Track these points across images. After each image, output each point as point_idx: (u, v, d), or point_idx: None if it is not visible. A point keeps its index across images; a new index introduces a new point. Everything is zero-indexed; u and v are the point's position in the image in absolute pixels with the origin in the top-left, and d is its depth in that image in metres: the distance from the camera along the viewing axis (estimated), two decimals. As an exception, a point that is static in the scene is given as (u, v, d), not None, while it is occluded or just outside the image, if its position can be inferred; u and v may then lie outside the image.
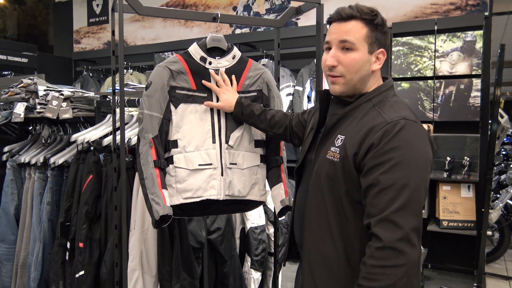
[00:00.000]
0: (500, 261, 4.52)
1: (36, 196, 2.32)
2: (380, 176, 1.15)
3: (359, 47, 1.26)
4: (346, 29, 1.26)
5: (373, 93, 1.29)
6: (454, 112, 3.87)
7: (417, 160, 1.16)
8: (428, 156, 1.19)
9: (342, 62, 1.27)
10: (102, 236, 2.03)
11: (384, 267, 1.11)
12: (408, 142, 1.16)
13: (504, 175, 5.19)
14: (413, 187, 1.14)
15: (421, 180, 1.16)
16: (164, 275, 1.91)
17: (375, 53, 1.28)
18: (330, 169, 1.26)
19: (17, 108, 2.41)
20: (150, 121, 1.65)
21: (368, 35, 1.26)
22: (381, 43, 1.28)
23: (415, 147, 1.17)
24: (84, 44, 6.41)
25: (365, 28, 1.26)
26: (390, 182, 1.14)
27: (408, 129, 1.17)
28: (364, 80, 1.30)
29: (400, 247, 1.10)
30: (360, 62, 1.27)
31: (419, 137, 1.19)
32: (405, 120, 1.19)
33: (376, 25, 1.26)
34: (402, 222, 1.12)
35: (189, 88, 1.74)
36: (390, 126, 1.17)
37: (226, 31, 5.25)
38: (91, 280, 2.00)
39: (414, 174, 1.14)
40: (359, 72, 1.28)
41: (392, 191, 1.13)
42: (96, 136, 2.14)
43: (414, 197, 1.14)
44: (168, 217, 1.62)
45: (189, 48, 1.79)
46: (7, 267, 2.44)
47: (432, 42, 3.92)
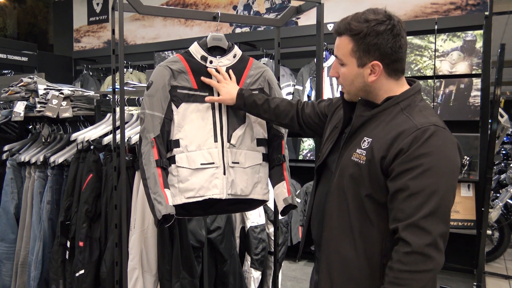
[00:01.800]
0: (500, 260, 4.53)
1: (36, 195, 2.32)
2: (409, 182, 1.15)
3: (347, 62, 1.29)
4: (337, 44, 1.32)
5: (401, 97, 1.28)
6: (454, 111, 3.87)
7: (447, 167, 1.17)
8: (457, 163, 1.20)
9: (340, 74, 1.34)
10: (102, 235, 2.03)
11: (412, 272, 1.13)
12: (438, 148, 1.17)
13: (504, 174, 5.19)
14: (442, 193, 1.15)
15: (450, 186, 1.18)
16: (164, 274, 1.92)
17: (368, 66, 1.27)
18: (355, 170, 1.26)
19: (17, 107, 2.41)
20: (151, 121, 1.65)
21: (354, 50, 1.26)
22: (373, 55, 1.25)
23: (445, 154, 1.17)
24: (84, 43, 6.41)
25: (351, 43, 1.27)
26: (419, 188, 1.15)
27: (438, 135, 1.18)
28: (366, 90, 1.31)
29: (428, 253, 1.13)
30: (350, 76, 1.30)
31: (449, 144, 1.19)
32: (435, 126, 1.19)
33: (363, 37, 1.25)
34: (431, 228, 1.14)
35: (190, 88, 1.74)
36: (420, 132, 1.17)
37: (226, 30, 5.25)
38: (91, 279, 2.00)
39: (443, 181, 1.16)
40: (353, 85, 1.31)
41: (421, 197, 1.14)
42: (96, 135, 2.14)
43: (443, 203, 1.15)
44: (171, 217, 1.62)
45: (190, 47, 1.78)
46: (7, 266, 2.44)
47: (432, 42, 3.92)
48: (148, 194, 1.62)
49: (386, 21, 1.25)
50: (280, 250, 2.58)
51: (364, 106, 1.33)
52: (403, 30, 1.28)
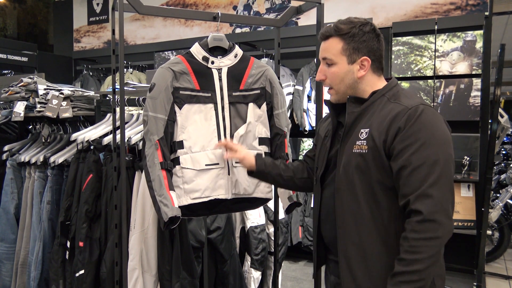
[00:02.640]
0: (500, 261, 4.53)
1: (36, 195, 2.32)
2: (411, 157, 1.24)
3: (338, 61, 1.40)
4: (325, 47, 1.42)
5: (384, 89, 1.40)
6: (454, 111, 3.87)
7: (442, 138, 1.26)
8: (449, 134, 1.30)
9: (327, 76, 1.43)
10: (102, 235, 2.03)
11: (426, 239, 1.19)
12: (430, 123, 1.27)
13: (504, 174, 5.19)
14: (443, 162, 1.23)
15: (448, 155, 1.26)
16: (164, 274, 1.91)
17: (357, 62, 1.39)
18: (359, 161, 1.32)
19: (17, 107, 2.41)
20: (155, 123, 1.65)
21: (345, 48, 1.39)
22: (361, 51, 1.39)
23: (437, 126, 1.28)
24: (84, 43, 6.41)
25: (341, 42, 1.39)
26: (421, 161, 1.23)
27: (427, 112, 1.28)
28: (354, 86, 1.42)
29: (440, 219, 1.19)
30: (341, 73, 1.40)
31: (438, 118, 1.30)
32: (423, 105, 1.30)
33: (352, 36, 1.38)
34: (439, 195, 1.21)
35: (193, 89, 1.74)
36: (412, 111, 1.28)
37: (227, 31, 5.25)
38: (91, 279, 2.00)
39: (441, 150, 1.25)
40: (343, 82, 1.41)
41: (424, 168, 1.23)
42: (96, 135, 2.14)
43: (445, 171, 1.23)
44: (177, 218, 1.62)
45: (191, 48, 1.79)
46: (7, 266, 2.44)
47: (432, 42, 3.92)
48: (154, 197, 1.62)
49: (368, 23, 1.40)
50: (280, 250, 2.58)
51: (354, 103, 1.42)
52: (381, 33, 1.43)
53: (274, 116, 1.88)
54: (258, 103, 1.85)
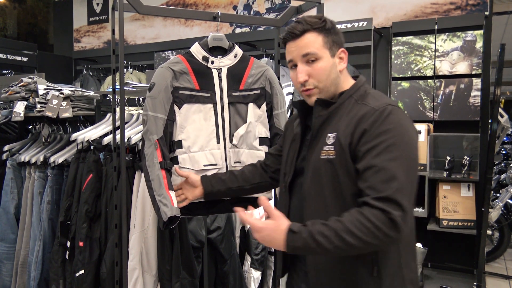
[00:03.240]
0: (500, 260, 4.53)
1: (36, 195, 2.32)
2: (375, 159, 1.18)
3: (322, 55, 1.33)
4: (304, 43, 1.33)
5: (352, 90, 1.35)
6: (454, 111, 3.87)
7: (408, 141, 1.21)
8: (416, 137, 1.26)
9: (312, 74, 1.33)
10: (102, 235, 2.03)
11: (376, 228, 1.11)
12: (396, 124, 1.22)
13: (504, 174, 5.19)
14: (408, 166, 1.18)
15: (413, 160, 1.22)
16: (164, 274, 1.92)
17: (337, 55, 1.35)
18: (327, 167, 1.27)
19: (17, 107, 2.41)
20: (154, 123, 1.65)
21: (325, 41, 1.33)
22: (338, 44, 1.36)
23: (404, 128, 1.23)
24: (84, 43, 6.41)
25: (320, 35, 1.33)
26: (385, 164, 1.17)
27: (395, 113, 1.24)
28: (336, 82, 1.36)
29: (399, 222, 1.11)
30: (328, 68, 1.33)
31: (406, 120, 1.26)
32: (391, 106, 1.25)
33: (328, 29, 1.33)
34: (402, 201, 1.13)
35: (192, 88, 1.74)
36: (379, 113, 1.23)
37: (227, 30, 5.25)
38: (91, 279, 2.00)
39: (407, 154, 1.19)
40: (330, 77, 1.34)
41: (388, 171, 1.16)
42: (96, 135, 2.14)
43: (410, 176, 1.18)
44: (176, 218, 1.62)
45: (191, 48, 1.79)
46: (7, 266, 2.44)
47: (432, 42, 3.92)
48: (153, 196, 1.61)
49: (328, 19, 1.36)
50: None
51: (321, 106, 1.36)
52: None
53: (274, 116, 1.88)
54: (258, 103, 1.85)
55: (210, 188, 1.66)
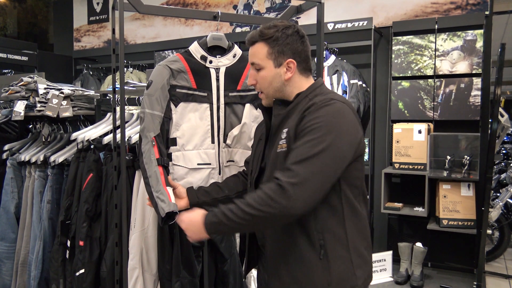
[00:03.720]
0: (500, 260, 4.53)
1: (36, 195, 2.32)
2: (302, 139, 1.28)
3: (265, 65, 1.42)
4: (252, 52, 1.45)
5: (308, 90, 1.43)
6: (454, 111, 3.87)
7: (334, 130, 1.27)
8: (351, 132, 1.29)
9: (257, 80, 1.46)
10: (102, 235, 2.03)
11: (269, 197, 1.23)
12: (330, 115, 1.28)
13: (504, 174, 5.19)
14: (323, 150, 1.23)
15: (334, 147, 1.25)
16: (164, 274, 1.92)
17: (284, 65, 1.42)
18: (281, 159, 1.35)
19: (17, 107, 2.41)
20: (151, 120, 1.66)
21: (270, 52, 1.41)
22: (286, 54, 1.41)
23: (336, 119, 1.28)
24: (84, 42, 6.41)
25: (266, 46, 1.41)
26: (300, 145, 1.27)
27: (334, 106, 1.31)
28: (281, 89, 1.44)
29: (287, 189, 1.21)
30: (269, 77, 1.43)
31: (346, 114, 1.31)
32: (334, 100, 1.33)
33: (275, 40, 1.40)
34: (299, 171, 1.22)
35: (189, 87, 1.75)
36: (320, 103, 1.33)
37: (227, 30, 5.25)
38: (91, 278, 2.00)
39: (332, 139, 1.25)
40: (272, 85, 1.44)
41: (300, 150, 1.26)
42: (96, 134, 2.14)
43: (322, 159, 1.23)
44: (175, 214, 1.62)
45: (190, 47, 1.79)
46: (7, 265, 2.45)
47: (433, 41, 3.92)
48: (151, 193, 1.62)
49: (291, 26, 1.44)
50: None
51: (280, 106, 1.46)
52: (305, 34, 1.47)
53: None
54: (255, 104, 1.86)
55: (195, 199, 1.68)
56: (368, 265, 1.42)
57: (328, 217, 1.34)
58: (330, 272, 1.33)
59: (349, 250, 1.35)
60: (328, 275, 1.33)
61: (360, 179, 1.40)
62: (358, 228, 1.38)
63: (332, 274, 1.33)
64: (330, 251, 1.33)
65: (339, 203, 1.35)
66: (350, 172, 1.34)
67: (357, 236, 1.38)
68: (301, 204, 1.22)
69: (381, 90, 4.37)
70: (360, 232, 1.40)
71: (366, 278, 1.40)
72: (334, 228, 1.34)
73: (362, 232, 1.40)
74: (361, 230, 1.40)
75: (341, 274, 1.34)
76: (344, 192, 1.35)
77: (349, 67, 4.21)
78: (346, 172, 1.32)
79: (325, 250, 1.33)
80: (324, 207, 1.33)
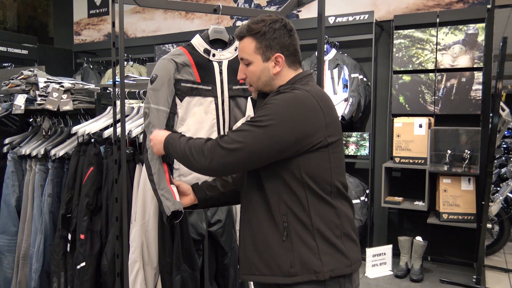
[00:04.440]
0: (499, 254, 4.54)
1: (37, 188, 2.33)
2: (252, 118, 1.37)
3: (253, 60, 1.45)
4: (241, 47, 1.48)
5: (288, 83, 1.45)
6: (455, 105, 3.86)
7: (281, 114, 1.31)
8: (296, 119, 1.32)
9: (247, 74, 1.49)
10: (103, 228, 2.03)
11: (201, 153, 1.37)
12: (284, 100, 1.33)
13: (505, 168, 5.19)
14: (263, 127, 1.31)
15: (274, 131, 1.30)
16: (165, 267, 1.92)
17: (272, 59, 1.44)
18: None
19: (17, 100, 2.41)
20: (157, 116, 1.64)
21: (258, 47, 1.43)
22: (274, 48, 1.43)
23: (288, 104, 1.32)
24: (84, 36, 6.39)
25: (254, 41, 1.43)
26: (251, 117, 1.37)
27: (293, 93, 1.36)
28: (269, 83, 1.46)
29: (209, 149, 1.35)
30: (258, 72, 1.46)
31: (300, 103, 1.34)
32: (295, 89, 1.37)
33: (263, 35, 1.42)
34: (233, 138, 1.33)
35: (194, 81, 1.73)
36: (280, 90, 1.39)
37: (227, 23, 5.23)
38: (92, 271, 2.00)
39: (274, 122, 1.30)
40: (260, 80, 1.47)
41: (248, 122, 1.36)
42: (97, 128, 2.14)
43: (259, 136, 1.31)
44: (180, 213, 1.61)
45: (192, 40, 1.77)
46: (8, 258, 2.45)
47: (434, 35, 3.90)
48: (155, 190, 1.61)
49: (279, 20, 1.44)
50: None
51: (262, 98, 1.48)
52: (293, 27, 1.47)
53: None
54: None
55: (203, 195, 1.69)
56: (341, 255, 1.39)
57: (292, 201, 1.37)
58: (293, 254, 1.36)
59: (314, 236, 1.37)
60: (291, 257, 1.36)
61: (328, 173, 1.39)
62: (327, 217, 1.39)
63: (294, 256, 1.36)
64: (293, 234, 1.37)
65: (302, 191, 1.37)
66: (311, 162, 1.36)
67: (325, 224, 1.38)
68: (218, 166, 1.35)
69: (382, 84, 4.36)
70: (331, 221, 1.40)
71: (338, 268, 1.38)
72: (297, 212, 1.37)
73: (333, 221, 1.40)
74: (332, 219, 1.40)
75: (303, 257, 1.36)
76: (307, 184, 1.37)
77: (350, 61, 4.20)
78: (306, 163, 1.36)
79: (288, 232, 1.37)
80: (288, 192, 1.37)
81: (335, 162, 1.41)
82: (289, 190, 1.37)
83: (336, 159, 1.42)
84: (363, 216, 4.16)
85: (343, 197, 1.45)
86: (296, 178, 1.37)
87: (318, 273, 1.35)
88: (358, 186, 4.20)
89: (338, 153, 1.43)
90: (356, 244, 1.47)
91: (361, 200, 4.16)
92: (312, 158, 1.36)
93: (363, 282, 3.77)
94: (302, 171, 1.36)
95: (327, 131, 1.37)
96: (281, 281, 1.37)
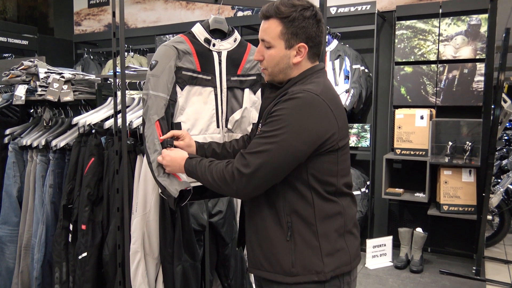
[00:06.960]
0: (499, 245, 4.56)
1: (38, 179, 2.33)
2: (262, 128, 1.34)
3: (275, 44, 1.38)
4: (264, 28, 1.41)
5: (298, 77, 1.40)
6: (457, 96, 3.85)
7: (293, 125, 1.27)
8: (308, 127, 1.29)
9: (265, 57, 1.42)
10: (104, 219, 2.04)
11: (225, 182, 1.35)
12: (294, 108, 1.28)
13: (506, 160, 5.19)
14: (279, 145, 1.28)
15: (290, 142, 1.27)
16: (166, 257, 1.93)
17: (295, 48, 1.37)
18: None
19: (18, 91, 2.40)
20: (155, 102, 1.61)
21: (283, 32, 1.36)
22: (300, 37, 1.36)
23: (299, 114, 1.28)
24: (84, 26, 6.36)
25: (280, 25, 1.36)
26: (264, 130, 1.32)
27: (303, 98, 1.29)
28: (285, 71, 1.40)
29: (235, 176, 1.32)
30: (277, 57, 1.39)
31: (309, 107, 1.29)
32: (305, 91, 1.31)
33: (291, 21, 1.34)
34: (251, 161, 1.30)
35: (194, 70, 1.72)
36: (288, 95, 1.32)
37: (228, 14, 5.20)
38: (94, 261, 2.02)
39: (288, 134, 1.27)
40: (278, 66, 1.40)
41: (257, 142, 1.31)
42: (98, 119, 2.14)
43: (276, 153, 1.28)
44: (188, 192, 1.59)
45: (193, 28, 1.76)
46: (10, 248, 2.47)
47: (436, 26, 3.88)
48: (155, 178, 1.59)
49: (310, 7, 1.36)
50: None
51: (270, 89, 1.46)
52: (322, 18, 1.41)
53: None
54: (254, 89, 1.86)
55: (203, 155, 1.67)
56: (342, 253, 1.40)
57: (297, 201, 1.36)
58: (295, 254, 1.36)
59: (318, 236, 1.36)
60: (293, 257, 1.36)
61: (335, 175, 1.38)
62: (332, 217, 1.38)
63: (297, 256, 1.36)
64: (296, 234, 1.36)
65: (308, 192, 1.36)
66: (319, 165, 1.34)
67: (329, 225, 1.38)
68: (247, 192, 1.34)
69: (383, 76, 4.34)
70: (335, 221, 1.39)
71: (339, 267, 1.38)
72: (302, 213, 1.36)
73: (337, 221, 1.39)
74: (336, 219, 1.39)
75: (306, 258, 1.35)
76: (313, 185, 1.35)
77: (351, 52, 4.18)
78: (315, 165, 1.34)
79: (292, 232, 1.36)
80: (293, 192, 1.36)
81: (342, 165, 1.40)
82: (295, 191, 1.36)
83: (343, 161, 1.41)
84: (364, 207, 4.17)
85: (347, 195, 1.44)
86: (303, 179, 1.35)
87: (320, 273, 1.36)
88: (359, 178, 4.20)
89: (345, 155, 1.41)
90: (356, 238, 1.47)
91: (362, 192, 4.17)
92: (321, 161, 1.34)
93: (363, 273, 3.79)
94: (309, 173, 1.35)
95: (339, 135, 1.35)
96: (282, 280, 1.38)
